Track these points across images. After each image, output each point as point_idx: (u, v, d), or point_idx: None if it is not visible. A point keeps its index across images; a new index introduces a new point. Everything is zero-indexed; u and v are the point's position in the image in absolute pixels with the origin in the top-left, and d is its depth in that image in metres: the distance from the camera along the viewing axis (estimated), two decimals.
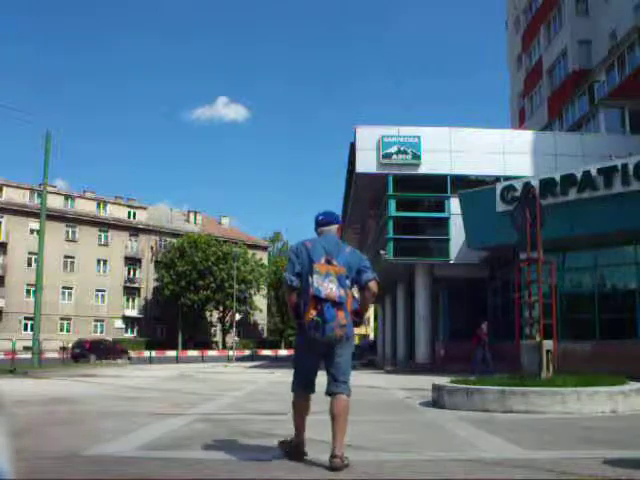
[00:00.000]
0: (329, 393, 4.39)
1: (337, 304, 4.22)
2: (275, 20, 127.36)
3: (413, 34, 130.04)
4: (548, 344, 9.71)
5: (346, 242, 4.91)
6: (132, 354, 39.99)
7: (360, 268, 4.47)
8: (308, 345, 4.40)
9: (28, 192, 55.42)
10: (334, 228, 4.65)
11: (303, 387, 4.54)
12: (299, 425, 4.57)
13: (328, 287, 4.22)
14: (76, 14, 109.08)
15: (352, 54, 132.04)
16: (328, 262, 4.32)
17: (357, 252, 4.65)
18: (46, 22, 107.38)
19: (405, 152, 24.19)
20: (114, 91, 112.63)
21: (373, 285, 4.46)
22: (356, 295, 4.56)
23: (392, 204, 24.29)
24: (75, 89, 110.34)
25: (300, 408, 4.57)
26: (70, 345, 38.60)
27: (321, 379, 4.44)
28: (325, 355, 4.41)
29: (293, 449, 4.61)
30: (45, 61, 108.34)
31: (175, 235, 62.82)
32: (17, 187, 55.67)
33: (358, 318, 4.49)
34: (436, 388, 9.23)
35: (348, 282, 4.37)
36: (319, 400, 4.56)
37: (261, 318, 69.72)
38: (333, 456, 4.15)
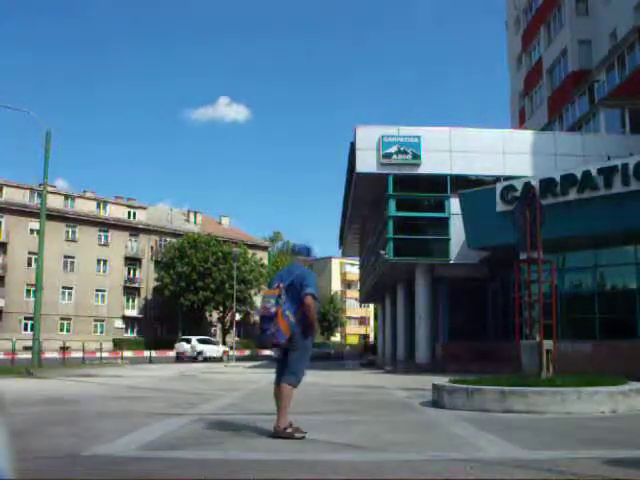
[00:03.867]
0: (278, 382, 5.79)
1: (268, 318, 5.58)
2: (276, 20, 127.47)
3: (413, 34, 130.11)
4: (548, 344, 9.71)
5: (305, 266, 6.14)
6: (132, 354, 39.96)
7: (301, 285, 5.66)
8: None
9: (28, 192, 55.38)
10: (300, 258, 6.22)
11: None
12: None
13: (263, 307, 5.66)
14: (76, 15, 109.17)
15: (353, 54, 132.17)
16: (277, 287, 5.68)
17: (305, 273, 5.87)
18: (47, 24, 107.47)
19: (405, 152, 24.17)
20: (115, 92, 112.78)
21: (306, 299, 5.60)
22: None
23: (392, 204, 24.27)
24: (76, 90, 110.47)
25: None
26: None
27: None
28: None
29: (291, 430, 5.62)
30: (46, 62, 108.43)
31: (175, 235, 62.77)
32: (17, 187, 55.63)
33: (304, 326, 5.65)
34: (436, 388, 9.23)
35: (282, 300, 5.61)
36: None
37: None
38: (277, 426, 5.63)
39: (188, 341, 38.55)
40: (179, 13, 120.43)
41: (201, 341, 40.07)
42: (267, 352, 49.67)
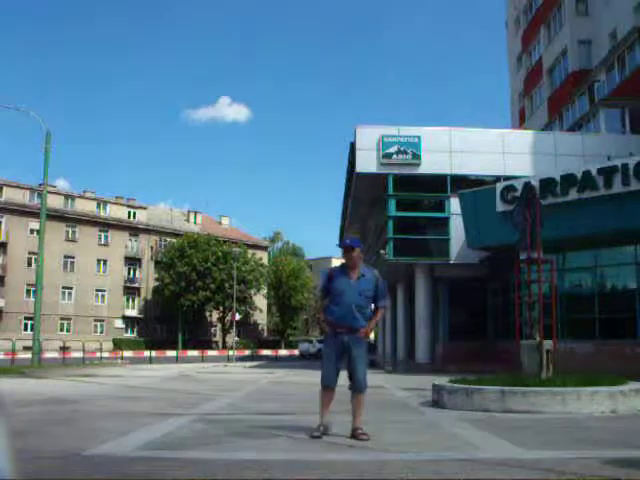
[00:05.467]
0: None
1: None
2: (277, 20, 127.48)
3: (413, 34, 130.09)
4: (548, 344, 9.71)
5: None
6: (132, 354, 39.99)
7: None
8: None
9: (28, 192, 55.38)
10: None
11: None
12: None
13: None
14: (77, 17, 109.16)
15: (353, 54, 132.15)
16: None
17: None
18: (47, 25, 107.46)
19: (405, 152, 24.15)
20: (116, 92, 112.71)
21: None
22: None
23: (392, 204, 24.26)
24: (77, 90, 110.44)
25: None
26: None
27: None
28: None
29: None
30: (46, 64, 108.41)
31: (175, 235, 62.79)
32: (17, 187, 55.63)
33: None
34: (436, 388, 9.22)
35: None
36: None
37: (261, 318, 69.71)
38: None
39: (310, 341, 48.30)
40: (179, 13, 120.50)
41: (320, 341, 46.71)
42: (266, 352, 49.86)
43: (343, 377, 5.89)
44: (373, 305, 5.97)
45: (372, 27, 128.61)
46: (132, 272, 61.21)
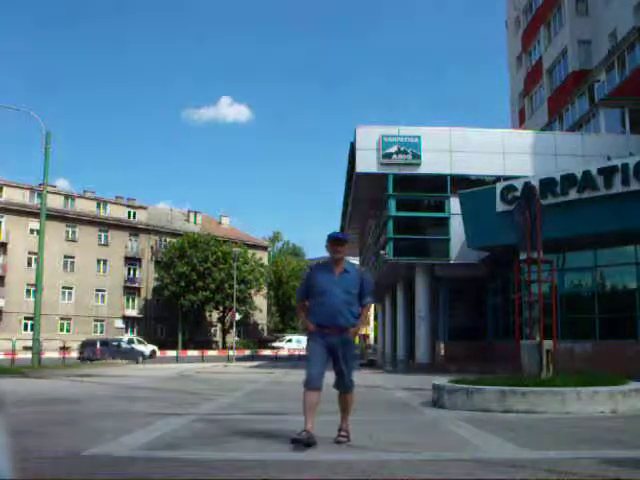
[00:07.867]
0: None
1: None
2: (278, 20, 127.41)
3: (414, 34, 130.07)
4: (548, 344, 9.71)
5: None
6: None
7: None
8: None
9: (28, 192, 55.36)
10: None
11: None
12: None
13: None
14: (77, 15, 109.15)
15: (354, 54, 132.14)
16: None
17: None
18: (48, 25, 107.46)
19: (405, 152, 24.15)
20: (117, 92, 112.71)
21: None
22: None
23: (392, 204, 24.27)
24: (78, 91, 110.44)
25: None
26: None
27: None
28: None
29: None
30: (47, 65, 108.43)
31: (175, 235, 62.77)
32: (17, 187, 55.61)
33: None
34: (436, 388, 9.23)
35: None
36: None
37: (261, 318, 69.71)
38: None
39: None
40: (180, 13, 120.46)
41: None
42: (266, 352, 49.88)
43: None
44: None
45: (372, 27, 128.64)
46: (132, 272, 61.19)
